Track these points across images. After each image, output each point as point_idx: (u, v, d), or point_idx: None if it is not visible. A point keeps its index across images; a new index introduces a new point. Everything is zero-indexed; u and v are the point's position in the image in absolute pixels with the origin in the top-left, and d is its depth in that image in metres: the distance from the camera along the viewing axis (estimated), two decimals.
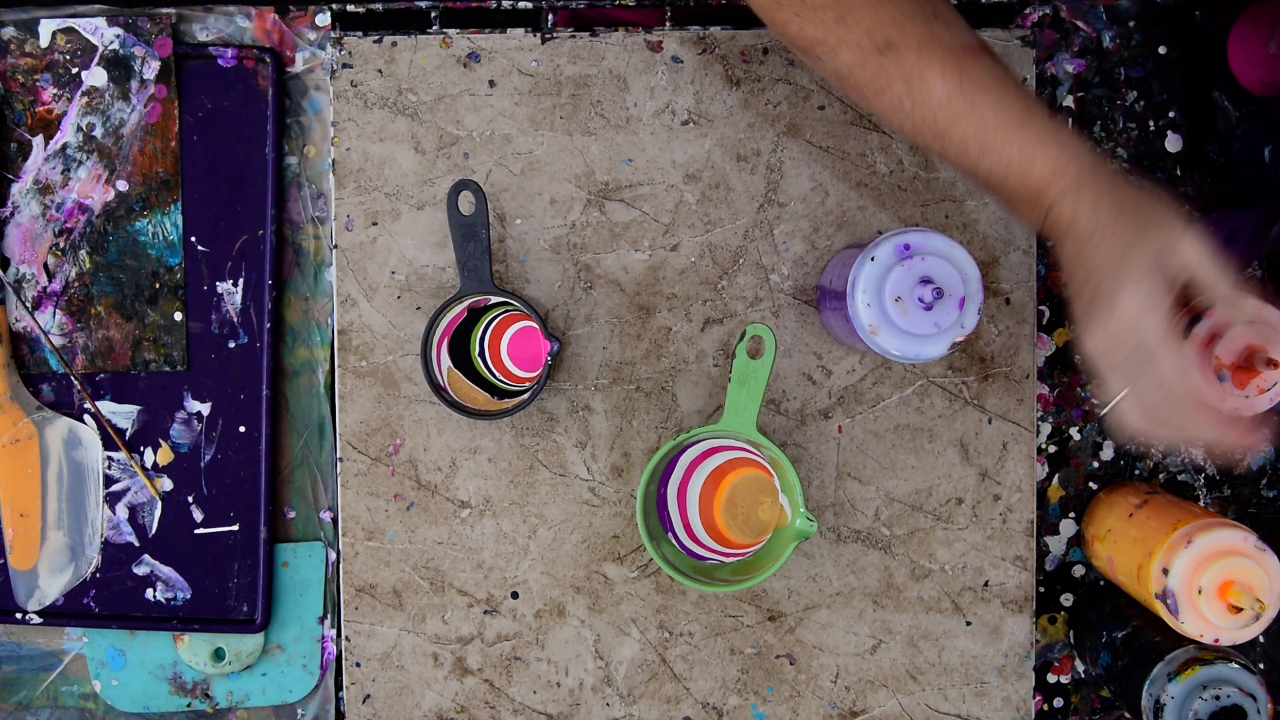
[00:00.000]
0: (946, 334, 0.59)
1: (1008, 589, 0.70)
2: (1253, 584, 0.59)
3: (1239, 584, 0.59)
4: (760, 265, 0.69)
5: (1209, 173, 0.72)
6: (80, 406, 0.70)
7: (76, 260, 0.70)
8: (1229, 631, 0.59)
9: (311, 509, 0.71)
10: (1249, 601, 0.58)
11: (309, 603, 0.71)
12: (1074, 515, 0.73)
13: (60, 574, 0.70)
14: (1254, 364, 0.60)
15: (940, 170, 0.69)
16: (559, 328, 0.69)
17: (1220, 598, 0.59)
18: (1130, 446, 0.72)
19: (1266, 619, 0.59)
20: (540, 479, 0.70)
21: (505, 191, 0.69)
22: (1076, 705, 0.73)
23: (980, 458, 0.70)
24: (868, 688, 0.70)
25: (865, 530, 0.70)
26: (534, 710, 0.70)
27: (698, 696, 0.70)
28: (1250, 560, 0.59)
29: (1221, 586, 0.59)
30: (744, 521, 0.65)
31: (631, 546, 0.70)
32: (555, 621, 0.70)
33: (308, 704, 0.72)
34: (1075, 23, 0.72)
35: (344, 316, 0.69)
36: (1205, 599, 0.59)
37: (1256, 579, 0.59)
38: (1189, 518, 0.62)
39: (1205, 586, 0.59)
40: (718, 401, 0.70)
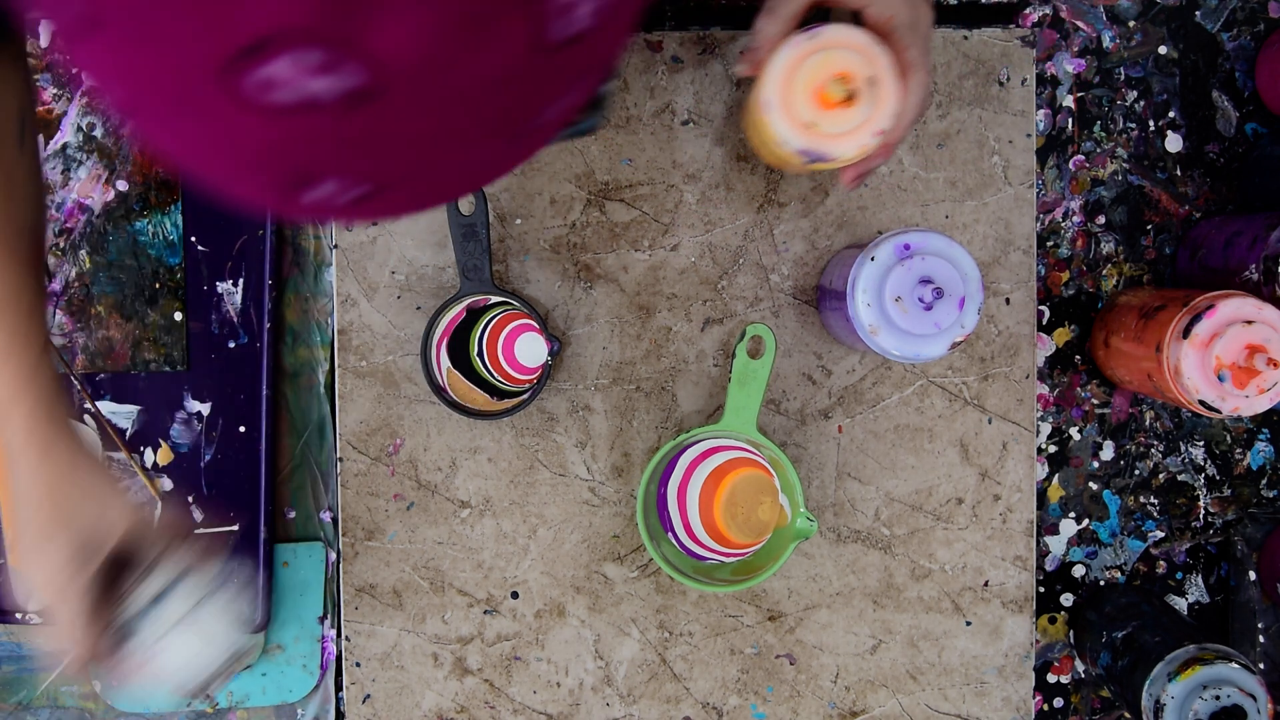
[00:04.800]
0: (946, 334, 0.59)
1: (1008, 589, 0.70)
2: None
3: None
4: (760, 265, 0.69)
5: (1209, 173, 0.72)
6: (80, 406, 0.70)
7: (76, 260, 0.70)
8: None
9: (311, 509, 0.71)
10: None
11: (309, 603, 0.71)
12: (1074, 515, 0.73)
13: None
14: (1254, 364, 0.60)
15: (940, 170, 0.69)
16: (559, 328, 0.69)
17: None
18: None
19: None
20: (540, 479, 0.70)
21: (505, 191, 0.69)
22: (1076, 705, 0.73)
23: (980, 458, 0.70)
24: (868, 688, 0.70)
25: (865, 530, 0.70)
26: (534, 710, 0.70)
27: (698, 696, 0.70)
28: None
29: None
30: (744, 521, 0.64)
31: (631, 546, 0.70)
32: (555, 621, 0.70)
33: (308, 704, 0.72)
34: (1075, 23, 0.72)
35: (344, 316, 0.69)
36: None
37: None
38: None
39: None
40: (718, 401, 0.70)
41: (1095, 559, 0.73)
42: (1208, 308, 0.60)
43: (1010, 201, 0.69)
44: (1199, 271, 0.69)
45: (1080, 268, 0.72)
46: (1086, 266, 0.72)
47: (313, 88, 0.22)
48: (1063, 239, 0.72)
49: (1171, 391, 0.62)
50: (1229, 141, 0.72)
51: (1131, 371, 0.66)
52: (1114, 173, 0.72)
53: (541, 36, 0.24)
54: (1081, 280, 0.72)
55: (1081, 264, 0.72)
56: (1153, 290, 0.69)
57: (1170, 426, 0.72)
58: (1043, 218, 0.72)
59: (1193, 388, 0.61)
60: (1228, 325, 0.60)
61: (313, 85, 0.22)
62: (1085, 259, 0.72)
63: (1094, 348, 0.71)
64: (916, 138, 0.69)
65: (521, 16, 0.23)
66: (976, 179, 0.69)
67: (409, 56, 0.22)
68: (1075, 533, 0.73)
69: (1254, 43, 0.71)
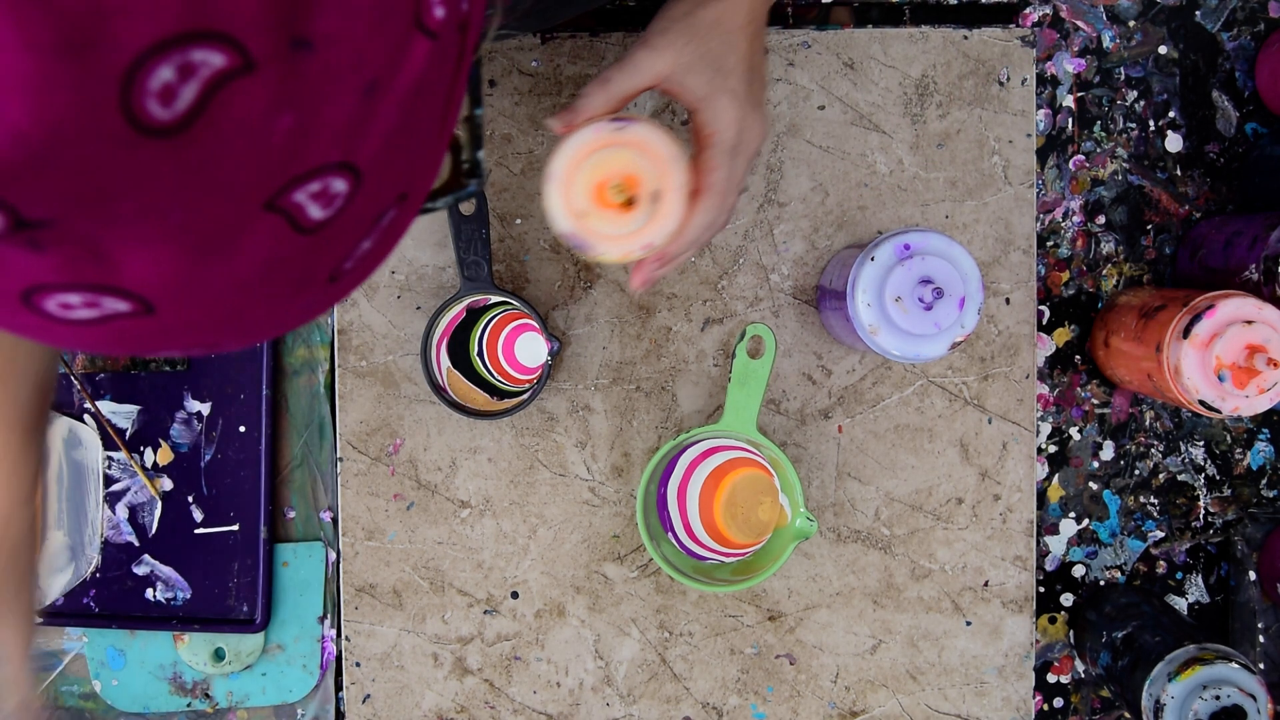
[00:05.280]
0: (946, 334, 0.59)
1: (1008, 589, 0.70)
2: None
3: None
4: (760, 265, 0.69)
5: (1209, 173, 0.72)
6: (80, 406, 0.70)
7: None
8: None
9: (311, 509, 0.71)
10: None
11: (309, 603, 0.71)
12: (1074, 515, 0.73)
13: (60, 574, 0.70)
14: (1254, 364, 0.60)
15: (940, 170, 0.69)
16: (559, 328, 0.69)
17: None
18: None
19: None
20: (540, 479, 0.70)
21: (505, 191, 0.69)
22: (1076, 705, 0.73)
23: (980, 458, 0.70)
24: (868, 688, 0.70)
25: (865, 530, 0.70)
26: (534, 710, 0.70)
27: (698, 696, 0.70)
28: None
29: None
30: (744, 521, 0.64)
31: (631, 546, 0.70)
32: (555, 621, 0.70)
33: (308, 704, 0.72)
34: (1075, 23, 0.72)
35: (344, 316, 0.69)
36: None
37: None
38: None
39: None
40: (718, 401, 0.70)
41: (1095, 559, 0.73)
42: (1208, 308, 0.60)
43: (1010, 201, 0.69)
44: (1199, 271, 0.69)
45: (1080, 268, 0.72)
46: (1086, 266, 0.72)
47: (95, 312, 0.25)
48: (1063, 239, 0.72)
49: (1171, 391, 0.62)
50: (1229, 141, 0.72)
51: (1131, 371, 0.66)
52: (1114, 173, 0.72)
53: (300, 222, 0.25)
54: (1081, 280, 0.72)
55: (1081, 264, 0.72)
56: (1153, 290, 0.69)
57: (1170, 426, 0.72)
58: (1043, 218, 0.72)
59: (1193, 388, 0.61)
60: (1228, 325, 0.60)
61: (95, 311, 0.25)
62: (1085, 259, 0.72)
63: (1094, 348, 0.71)
64: (916, 138, 0.69)
65: (268, 219, 0.25)
66: (976, 179, 0.69)
67: (162, 283, 0.24)
68: (1075, 533, 0.73)
69: (1254, 43, 0.71)
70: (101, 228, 0.23)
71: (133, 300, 0.24)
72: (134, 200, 0.22)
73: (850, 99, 0.69)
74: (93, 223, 0.23)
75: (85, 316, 0.25)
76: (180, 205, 0.23)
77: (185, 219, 0.24)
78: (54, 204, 0.22)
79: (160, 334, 0.26)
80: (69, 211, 0.22)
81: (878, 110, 0.69)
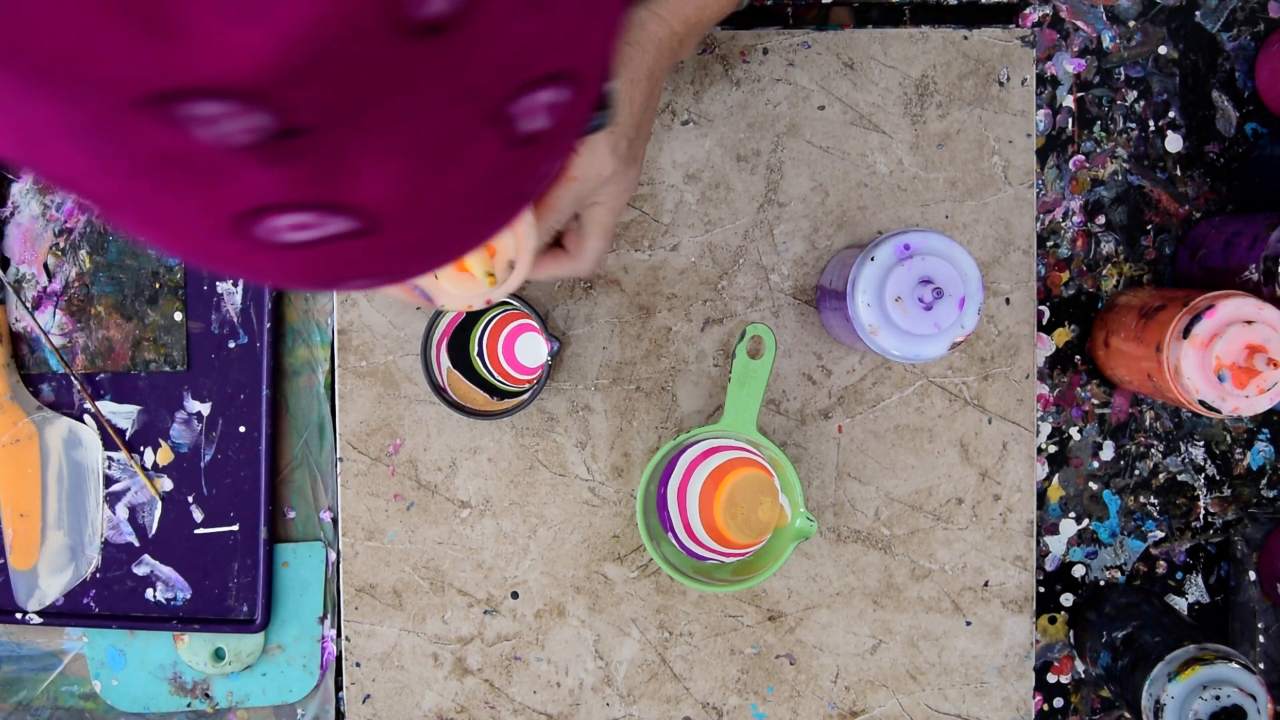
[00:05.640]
0: (946, 334, 0.59)
1: (1008, 589, 0.70)
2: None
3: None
4: (760, 265, 0.69)
5: (1209, 173, 0.72)
6: (80, 406, 0.70)
7: (76, 260, 0.70)
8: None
9: (311, 509, 0.71)
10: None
11: (309, 603, 0.71)
12: (1074, 515, 0.73)
13: (60, 574, 0.70)
14: (1254, 364, 0.60)
15: (940, 170, 0.69)
16: (559, 328, 0.69)
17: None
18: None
19: None
20: (540, 479, 0.70)
21: None
22: (1076, 705, 0.73)
23: (980, 458, 0.70)
24: (868, 688, 0.70)
25: (865, 530, 0.70)
26: (534, 710, 0.70)
27: (698, 696, 0.70)
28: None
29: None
30: (744, 521, 0.64)
31: (631, 546, 0.70)
32: (555, 621, 0.70)
33: (308, 704, 0.72)
34: (1075, 23, 0.72)
35: (344, 316, 0.69)
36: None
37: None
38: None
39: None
40: (718, 401, 0.70)
41: (1095, 559, 0.73)
42: (1208, 308, 0.60)
43: (1010, 201, 0.69)
44: (1199, 271, 0.69)
45: (1080, 268, 0.72)
46: (1086, 266, 0.72)
47: (313, 234, 0.24)
48: (1063, 239, 0.72)
49: (1171, 391, 0.62)
50: (1229, 141, 0.72)
51: (1131, 371, 0.66)
52: (1114, 173, 0.72)
53: (513, 135, 0.25)
54: (1081, 280, 0.72)
55: (1081, 264, 0.72)
56: (1153, 290, 0.69)
57: (1170, 426, 0.72)
58: (1043, 218, 0.72)
59: (1193, 388, 0.61)
60: (1228, 325, 0.60)
61: (313, 232, 0.24)
62: (1085, 259, 0.72)
63: (1094, 348, 0.71)
64: (916, 138, 0.69)
65: (490, 131, 0.24)
66: (976, 179, 0.69)
67: (391, 200, 0.24)
68: (1075, 533, 0.73)
69: (1254, 43, 0.71)
70: (354, 137, 0.22)
71: (360, 218, 0.24)
72: (393, 105, 0.22)
73: (850, 99, 0.69)
74: (349, 132, 0.22)
75: (300, 239, 0.24)
76: (427, 112, 0.22)
77: (428, 126, 0.23)
78: (320, 110, 0.21)
79: (371, 255, 0.26)
80: (331, 119, 0.21)
81: (878, 110, 0.69)
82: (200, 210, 0.23)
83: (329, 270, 0.26)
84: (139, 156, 0.21)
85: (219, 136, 0.20)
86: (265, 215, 0.23)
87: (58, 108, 0.20)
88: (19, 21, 0.17)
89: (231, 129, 0.20)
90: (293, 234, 0.24)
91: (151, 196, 0.23)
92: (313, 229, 0.24)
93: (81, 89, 0.19)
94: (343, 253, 0.25)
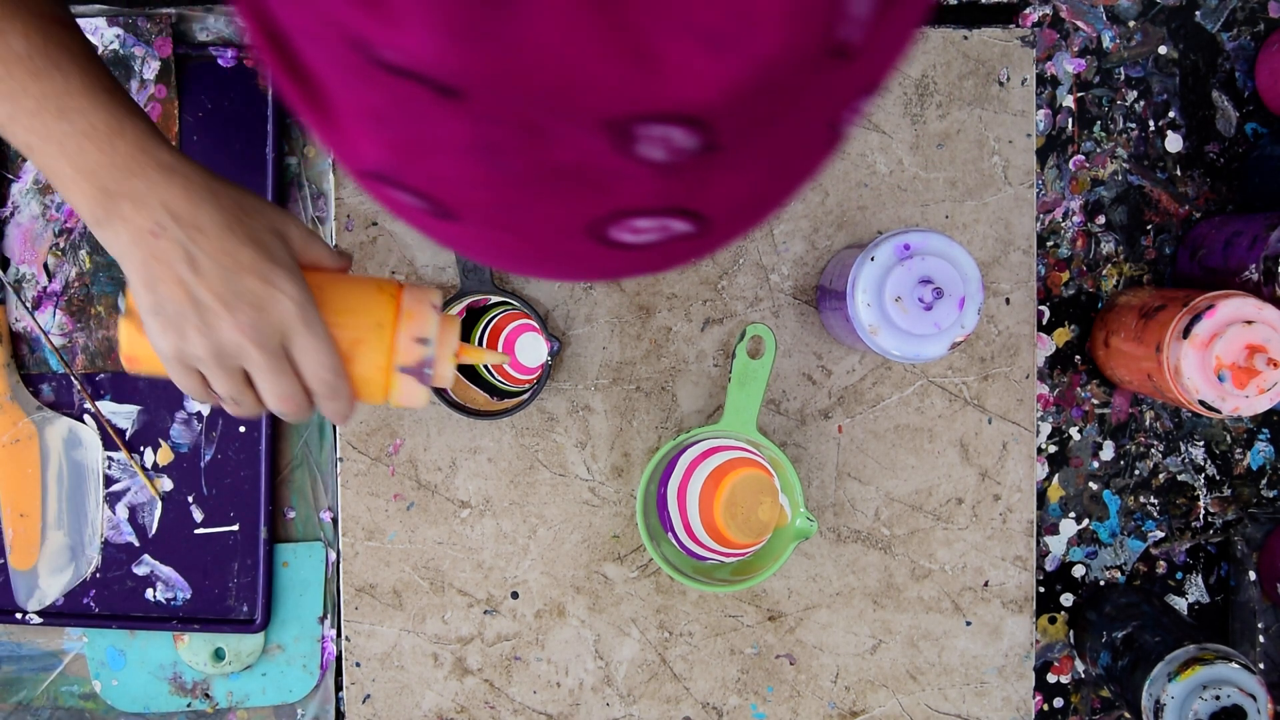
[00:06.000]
0: (946, 334, 0.59)
1: (1008, 589, 0.70)
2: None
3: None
4: (760, 265, 0.69)
5: (1209, 173, 0.72)
6: (80, 406, 0.70)
7: (76, 260, 0.70)
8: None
9: (311, 509, 0.71)
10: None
11: (309, 603, 0.71)
12: (1074, 515, 0.73)
13: (60, 574, 0.70)
14: (1254, 364, 0.60)
15: (940, 170, 0.69)
16: (559, 328, 0.69)
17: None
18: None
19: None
20: (540, 479, 0.70)
21: None
22: (1076, 705, 0.73)
23: (980, 458, 0.70)
24: (868, 688, 0.70)
25: (865, 530, 0.70)
26: (534, 710, 0.70)
27: (698, 696, 0.70)
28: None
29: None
30: (744, 521, 0.65)
31: (631, 546, 0.70)
32: (555, 621, 0.70)
33: (308, 704, 0.72)
34: (1075, 23, 0.72)
35: None
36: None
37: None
38: None
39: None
40: (718, 401, 0.70)
41: (1095, 559, 0.73)
42: (1208, 308, 0.60)
43: (1010, 201, 0.69)
44: (1199, 271, 0.69)
45: (1080, 268, 0.72)
46: (1086, 266, 0.72)
47: (658, 236, 0.26)
48: (1063, 239, 0.72)
49: (1171, 391, 0.62)
50: (1229, 141, 0.72)
51: (1131, 371, 0.66)
52: (1114, 173, 0.72)
53: (835, 138, 0.27)
54: (1081, 280, 0.72)
55: (1081, 264, 0.72)
56: (1153, 290, 0.69)
57: (1170, 426, 0.72)
58: (1043, 218, 0.72)
59: (1193, 388, 0.61)
60: (1228, 325, 0.60)
61: (658, 235, 0.26)
62: (1085, 259, 0.72)
63: (1094, 348, 0.71)
64: (916, 138, 0.69)
65: (826, 136, 0.26)
66: (976, 179, 0.69)
67: (730, 206, 0.26)
68: (1075, 533, 0.73)
69: (1254, 43, 0.71)
70: (741, 148, 0.23)
71: (699, 221, 0.26)
72: (784, 122, 0.23)
73: None
74: (743, 147, 0.23)
75: (645, 240, 0.26)
76: (794, 126, 0.24)
77: (788, 139, 0.25)
78: (738, 131, 0.22)
79: (693, 252, 0.28)
80: (741, 138, 0.23)
81: (878, 110, 0.69)
82: (566, 215, 0.25)
83: (655, 265, 0.28)
84: (540, 168, 0.23)
85: (651, 154, 0.23)
86: (624, 219, 0.25)
87: (474, 125, 0.22)
88: (527, 60, 0.20)
89: (665, 148, 0.22)
90: (641, 236, 0.26)
91: (526, 204, 0.25)
92: (659, 232, 0.26)
93: (554, 113, 0.21)
94: (674, 250, 0.27)
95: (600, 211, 0.25)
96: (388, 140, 0.24)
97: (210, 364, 0.45)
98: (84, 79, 0.45)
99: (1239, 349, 0.60)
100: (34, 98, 0.44)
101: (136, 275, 0.44)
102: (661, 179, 0.23)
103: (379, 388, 0.50)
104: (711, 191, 0.25)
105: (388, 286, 0.51)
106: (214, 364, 0.45)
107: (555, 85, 0.20)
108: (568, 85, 0.20)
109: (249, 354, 0.45)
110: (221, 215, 0.45)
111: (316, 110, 0.26)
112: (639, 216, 0.25)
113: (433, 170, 0.25)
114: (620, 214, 0.25)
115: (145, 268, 0.44)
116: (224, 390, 0.47)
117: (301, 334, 0.46)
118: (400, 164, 0.25)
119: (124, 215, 0.44)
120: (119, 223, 0.44)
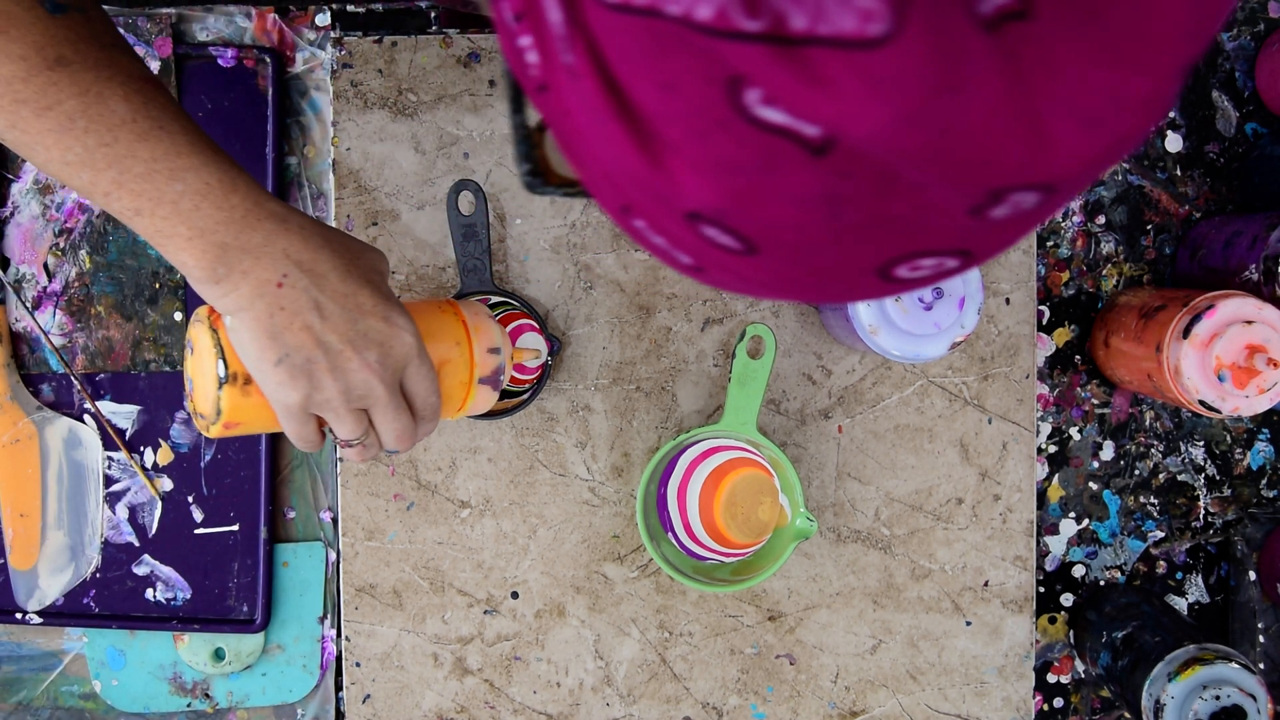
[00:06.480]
0: (946, 334, 0.59)
1: (1008, 589, 0.70)
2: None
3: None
4: None
5: (1209, 173, 0.72)
6: (80, 406, 0.70)
7: (76, 260, 0.70)
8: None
9: (311, 509, 0.71)
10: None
11: (309, 603, 0.71)
12: (1074, 515, 0.73)
13: (60, 574, 0.70)
14: (1254, 364, 0.60)
15: None
16: (559, 328, 0.69)
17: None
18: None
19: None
20: (540, 479, 0.70)
21: (505, 191, 0.69)
22: (1076, 705, 0.73)
23: (980, 458, 0.70)
24: (868, 688, 0.70)
25: (865, 530, 0.70)
26: (534, 710, 0.70)
27: (698, 696, 0.70)
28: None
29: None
30: (744, 521, 0.65)
31: (631, 546, 0.70)
32: (555, 621, 0.70)
33: (308, 704, 0.72)
34: None
35: None
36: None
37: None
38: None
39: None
40: (718, 401, 0.70)
41: (1095, 559, 0.73)
42: (1208, 308, 0.60)
43: None
44: (1199, 271, 0.69)
45: (1080, 268, 0.72)
46: (1086, 266, 0.72)
47: (930, 272, 0.28)
48: (1063, 239, 0.72)
49: (1171, 391, 0.62)
50: (1229, 141, 0.72)
51: (1131, 371, 0.66)
52: (1114, 173, 0.72)
53: None
54: (1081, 280, 0.72)
55: (1081, 264, 0.72)
56: (1153, 290, 0.69)
57: (1170, 426, 0.72)
58: None
59: (1193, 388, 0.61)
60: (1228, 325, 0.60)
61: (933, 269, 0.28)
62: (1085, 259, 0.72)
63: (1094, 348, 0.71)
64: None
65: None
66: None
67: (998, 244, 0.28)
68: (1075, 533, 0.73)
69: (1254, 43, 0.71)
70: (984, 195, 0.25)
71: (967, 258, 0.28)
72: None
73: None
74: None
75: (921, 276, 0.28)
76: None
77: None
78: (1047, 190, 0.25)
79: (946, 278, 0.30)
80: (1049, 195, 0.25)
81: None
82: (868, 256, 0.27)
83: (909, 290, 0.30)
84: (874, 218, 0.25)
85: (1001, 214, 0.25)
86: (916, 259, 0.27)
87: (828, 179, 0.24)
88: (954, 139, 0.22)
89: (1014, 208, 0.25)
90: (918, 273, 0.28)
91: (835, 245, 0.26)
92: (934, 269, 0.28)
93: (943, 180, 0.24)
94: (933, 280, 0.29)
95: (899, 253, 0.26)
96: (728, 188, 0.25)
97: (339, 407, 0.46)
98: (188, 138, 0.45)
99: (1239, 349, 0.60)
100: (143, 161, 0.43)
101: (260, 327, 0.44)
102: (970, 226, 0.25)
103: (458, 402, 0.52)
104: (989, 231, 0.26)
105: (445, 305, 0.52)
106: (343, 407, 0.46)
107: (970, 161, 0.23)
108: (982, 162, 0.23)
109: (376, 393, 0.46)
110: (338, 260, 0.46)
111: (643, 149, 0.25)
112: (927, 257, 0.27)
113: (766, 216, 0.25)
114: (915, 255, 0.27)
115: (270, 319, 0.44)
116: (350, 433, 0.47)
117: (416, 365, 0.47)
118: (732, 209, 0.25)
119: (245, 269, 0.44)
120: (238, 277, 0.44)
